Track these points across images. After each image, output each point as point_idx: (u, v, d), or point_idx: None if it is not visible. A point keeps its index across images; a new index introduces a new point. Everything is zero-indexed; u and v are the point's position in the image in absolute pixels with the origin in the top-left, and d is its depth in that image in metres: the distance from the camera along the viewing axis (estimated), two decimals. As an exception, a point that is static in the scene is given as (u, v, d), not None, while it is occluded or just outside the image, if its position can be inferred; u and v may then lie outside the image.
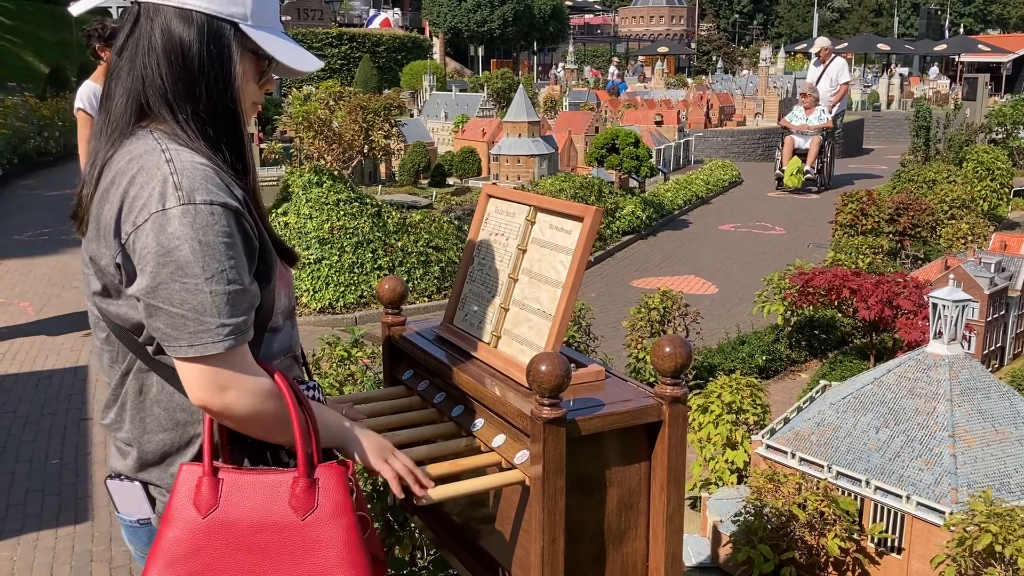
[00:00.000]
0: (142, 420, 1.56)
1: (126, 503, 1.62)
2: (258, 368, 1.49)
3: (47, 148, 15.21)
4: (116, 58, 1.53)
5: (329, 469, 1.48)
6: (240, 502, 1.45)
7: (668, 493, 1.70)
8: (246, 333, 1.45)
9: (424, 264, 7.60)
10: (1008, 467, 3.00)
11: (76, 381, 5.67)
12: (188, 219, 1.38)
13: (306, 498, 1.45)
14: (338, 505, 1.46)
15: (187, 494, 1.46)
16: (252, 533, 1.45)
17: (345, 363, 3.47)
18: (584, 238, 1.74)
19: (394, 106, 11.40)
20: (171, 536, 1.44)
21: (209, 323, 1.39)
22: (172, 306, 1.39)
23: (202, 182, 1.41)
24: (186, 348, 1.40)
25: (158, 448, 1.56)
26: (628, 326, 5.18)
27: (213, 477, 1.46)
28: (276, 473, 1.48)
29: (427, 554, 2.51)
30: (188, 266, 1.37)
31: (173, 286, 1.38)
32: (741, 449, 3.73)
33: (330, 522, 1.45)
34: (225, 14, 1.50)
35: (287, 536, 1.45)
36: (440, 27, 38.75)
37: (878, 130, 22.81)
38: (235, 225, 1.43)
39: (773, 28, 69.41)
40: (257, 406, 1.47)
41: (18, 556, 3.73)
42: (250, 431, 1.52)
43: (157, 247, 1.38)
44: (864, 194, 8.44)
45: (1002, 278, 5.42)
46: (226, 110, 1.52)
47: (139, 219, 1.39)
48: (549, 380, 1.51)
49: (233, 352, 1.42)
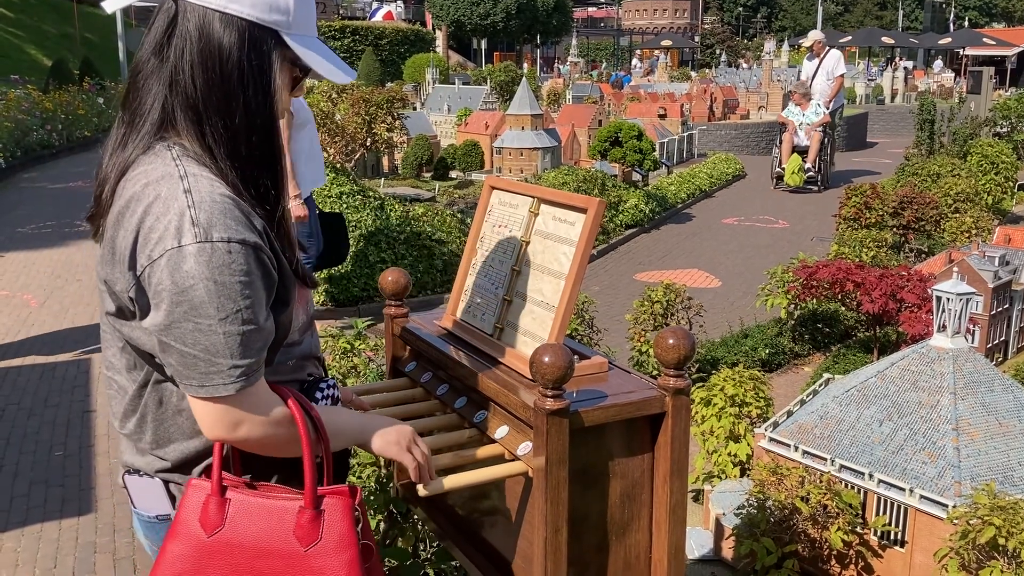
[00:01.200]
0: (166, 430, 1.53)
1: (144, 499, 1.60)
2: (272, 397, 1.47)
3: (50, 141, 15.20)
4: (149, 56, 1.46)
5: (336, 499, 1.46)
6: (245, 525, 1.44)
7: (671, 485, 1.70)
8: (258, 372, 1.42)
9: (427, 257, 7.60)
10: (1012, 460, 3.00)
11: (80, 373, 5.68)
12: (204, 258, 1.33)
13: (311, 529, 1.43)
14: (342, 538, 1.44)
15: (193, 510, 1.45)
16: (254, 558, 1.43)
17: (348, 355, 3.47)
18: (587, 229, 1.74)
19: (397, 99, 11.40)
20: (175, 551, 1.43)
21: (221, 364, 1.36)
22: (184, 345, 1.35)
23: (220, 217, 1.35)
24: (196, 388, 1.38)
25: (182, 456, 1.54)
26: (631, 319, 5.18)
27: (220, 496, 1.45)
28: (284, 498, 1.47)
29: (430, 546, 2.51)
30: (202, 306, 1.33)
31: (186, 325, 1.34)
32: (744, 442, 3.73)
33: (333, 555, 1.43)
34: (268, 21, 1.43)
35: (289, 564, 1.43)
36: (443, 20, 38.69)
37: (882, 124, 22.77)
38: (254, 261, 1.38)
39: (777, 21, 69.25)
40: (270, 435, 1.46)
41: (22, 547, 3.74)
42: (265, 452, 1.51)
43: (172, 285, 1.33)
44: (868, 187, 8.42)
45: (1006, 272, 5.41)
46: (263, 124, 1.45)
47: (154, 253, 1.34)
48: (552, 371, 1.51)
49: (248, 390, 1.40)
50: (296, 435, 1.47)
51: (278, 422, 1.46)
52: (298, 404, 1.49)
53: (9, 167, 13.17)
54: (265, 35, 1.44)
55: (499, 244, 1.97)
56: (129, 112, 1.48)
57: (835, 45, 14.32)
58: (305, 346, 1.65)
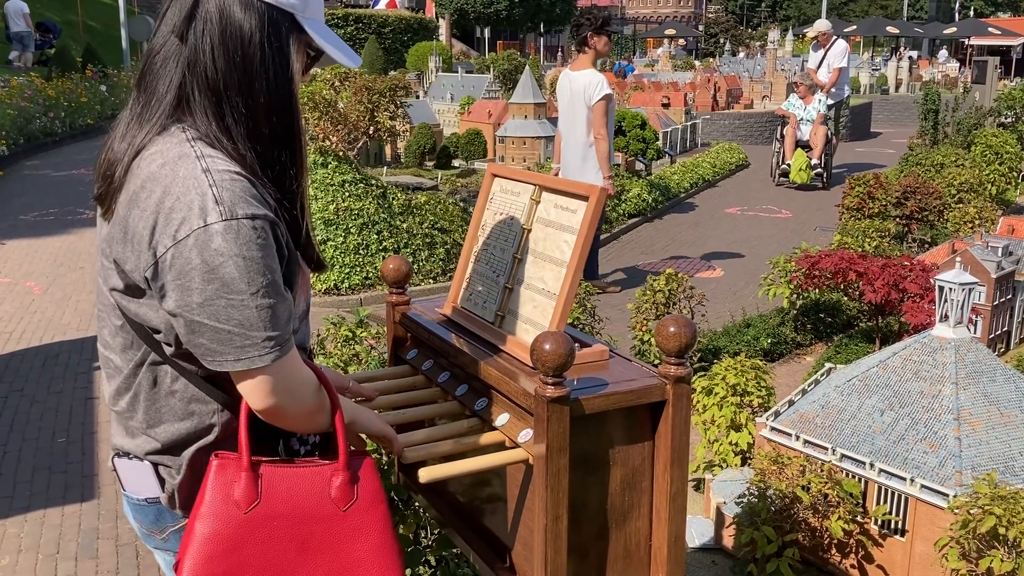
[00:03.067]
0: (157, 410, 1.55)
1: (134, 482, 1.62)
2: (306, 368, 1.52)
3: (53, 128, 15.19)
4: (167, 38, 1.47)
5: (364, 460, 1.55)
6: (282, 495, 1.49)
7: (671, 473, 1.70)
8: (290, 342, 1.45)
9: (429, 246, 7.59)
10: (1013, 450, 3.00)
11: (82, 360, 5.69)
12: (232, 235, 1.35)
13: (347, 490, 1.52)
14: (375, 495, 1.54)
15: (222, 488, 1.46)
16: (295, 525, 1.48)
17: (350, 343, 3.47)
18: (589, 217, 1.74)
19: (400, 87, 11.36)
20: (208, 532, 1.45)
21: (256, 337, 1.39)
22: (219, 322, 1.37)
23: (242, 195, 1.38)
24: (233, 362, 1.40)
25: (172, 437, 1.55)
26: (633, 308, 5.18)
27: (252, 472, 1.48)
28: (311, 465, 1.53)
29: (431, 533, 2.52)
30: (233, 283, 1.36)
31: (219, 302, 1.36)
32: (745, 431, 3.73)
33: (369, 511, 1.53)
34: (285, 4, 1.46)
35: (330, 527, 1.50)
36: (447, 8, 38.57)
37: (886, 113, 22.67)
38: (271, 236, 1.42)
39: (781, 10, 68.90)
40: (312, 404, 1.52)
41: (25, 533, 3.76)
42: (297, 426, 1.56)
43: (202, 263, 1.35)
44: (871, 177, 8.40)
45: (1009, 262, 5.39)
46: (283, 105, 1.48)
47: (179, 234, 1.35)
48: (553, 359, 1.51)
49: (284, 359, 1.44)
50: (325, 408, 1.54)
51: (313, 391, 1.52)
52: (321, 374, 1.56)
53: (12, 155, 13.16)
54: (283, 18, 1.46)
55: (501, 232, 1.97)
56: (145, 93, 1.49)
57: (840, 34, 14.06)
58: (301, 335, 1.66)
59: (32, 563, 3.56)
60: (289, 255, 1.50)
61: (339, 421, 1.55)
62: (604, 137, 6.49)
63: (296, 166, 1.53)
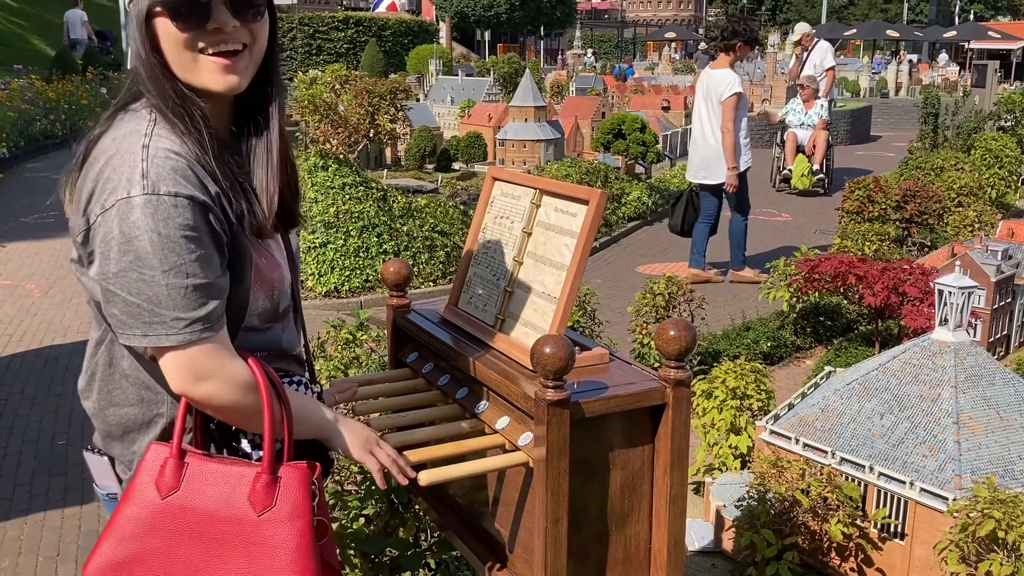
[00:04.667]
0: (109, 392, 1.57)
1: (100, 475, 1.65)
2: (236, 359, 1.48)
3: (53, 131, 15.18)
4: None
5: (292, 469, 1.47)
6: (201, 489, 1.45)
7: (671, 476, 1.70)
8: (214, 325, 1.43)
9: (429, 248, 7.60)
10: (1012, 454, 3.00)
11: (83, 362, 5.69)
12: (150, 209, 1.37)
13: (265, 495, 1.44)
14: (296, 507, 1.45)
15: (151, 473, 1.46)
16: (206, 522, 1.44)
17: (350, 346, 3.48)
18: (589, 221, 1.74)
19: (400, 90, 11.39)
20: (128, 513, 1.45)
21: (164, 315, 1.39)
22: (129, 294, 1.39)
23: (170, 173, 1.40)
24: (140, 337, 1.41)
25: (120, 422, 1.57)
26: (633, 311, 5.18)
27: (179, 460, 1.47)
28: (242, 465, 1.48)
29: (431, 535, 2.52)
30: (146, 257, 1.37)
31: (131, 275, 1.38)
32: (745, 434, 3.73)
33: (285, 523, 1.44)
34: None
35: (240, 530, 1.44)
36: (447, 11, 38.60)
37: (886, 117, 22.67)
38: (200, 218, 1.41)
39: (781, 14, 68.98)
40: (236, 397, 1.47)
41: (25, 535, 3.76)
42: (230, 420, 1.53)
43: (119, 235, 1.38)
44: (871, 181, 8.40)
45: (1009, 266, 5.40)
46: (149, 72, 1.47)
47: (107, 203, 1.39)
48: (553, 362, 1.51)
49: (205, 343, 1.42)
50: (258, 405, 1.48)
51: (243, 386, 1.47)
52: (261, 371, 1.50)
53: (12, 157, 13.16)
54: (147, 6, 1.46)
55: (501, 235, 1.97)
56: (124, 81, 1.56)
57: (841, 38, 14.00)
58: (272, 337, 1.66)
59: (32, 566, 3.56)
60: (236, 244, 1.49)
61: (268, 422, 1.47)
62: (730, 131, 7.13)
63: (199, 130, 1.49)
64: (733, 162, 7.19)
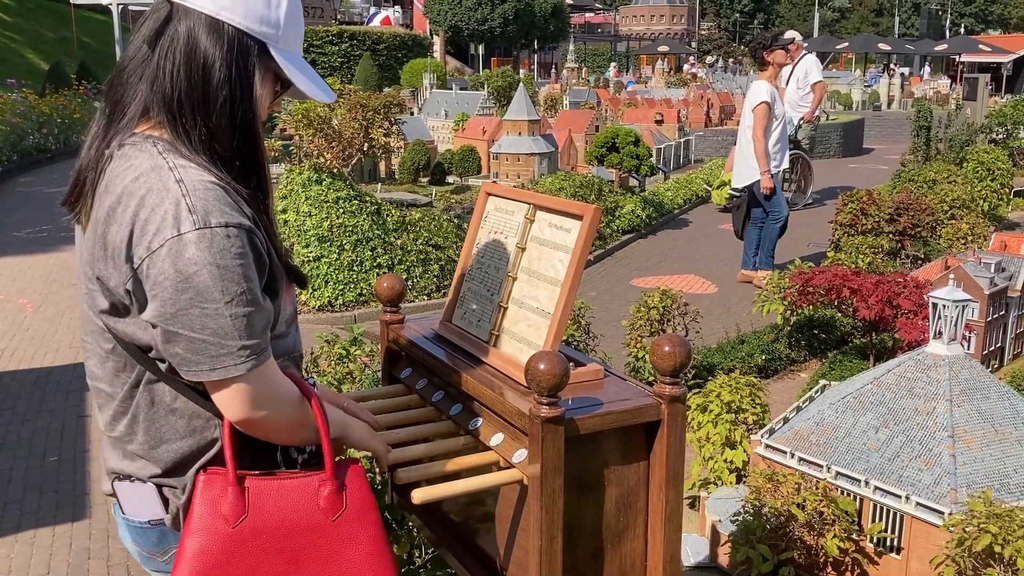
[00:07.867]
0: (158, 431, 1.53)
1: (135, 505, 1.59)
2: (283, 377, 1.51)
3: (46, 145, 15.18)
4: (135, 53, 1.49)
5: (352, 469, 1.55)
6: (269, 508, 1.48)
7: (667, 493, 1.69)
8: (267, 351, 1.45)
9: (423, 262, 7.59)
10: (1008, 467, 3.00)
11: (75, 378, 5.66)
12: (205, 243, 1.35)
13: (335, 500, 1.51)
14: (364, 503, 1.53)
15: (209, 504, 1.46)
16: (284, 537, 1.48)
17: (343, 361, 3.46)
18: (583, 236, 1.74)
19: (394, 104, 11.41)
20: (197, 547, 1.45)
21: (231, 346, 1.38)
22: (192, 332, 1.37)
23: (215, 203, 1.38)
24: (208, 372, 1.40)
25: (176, 456, 1.54)
26: (627, 325, 5.18)
27: (238, 486, 1.47)
28: (299, 476, 1.52)
29: (425, 553, 2.51)
30: (207, 291, 1.35)
31: (193, 312, 1.36)
32: (740, 449, 3.72)
33: (359, 519, 1.52)
34: (257, 32, 1.47)
35: (319, 537, 1.49)
36: (441, 25, 38.72)
37: (879, 130, 22.79)
38: (248, 244, 1.41)
39: (774, 27, 69.36)
40: (292, 417, 1.51)
41: (15, 553, 3.73)
42: (280, 439, 1.55)
43: (175, 274, 1.35)
44: (864, 194, 8.43)
45: (1002, 278, 5.41)
46: (243, 127, 1.48)
47: (153, 244, 1.36)
48: (547, 379, 1.50)
49: (260, 369, 1.43)
50: (309, 421, 1.53)
51: (294, 403, 1.51)
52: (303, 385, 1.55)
53: (5, 171, 13.16)
54: (252, 45, 1.47)
55: (495, 250, 1.96)
56: (110, 104, 1.51)
57: (833, 51, 14.02)
58: (290, 341, 1.66)
59: (22, 584, 3.53)
60: (271, 263, 1.49)
61: (324, 432, 1.52)
62: (760, 138, 7.70)
63: (260, 186, 1.53)
64: (764, 166, 7.68)
